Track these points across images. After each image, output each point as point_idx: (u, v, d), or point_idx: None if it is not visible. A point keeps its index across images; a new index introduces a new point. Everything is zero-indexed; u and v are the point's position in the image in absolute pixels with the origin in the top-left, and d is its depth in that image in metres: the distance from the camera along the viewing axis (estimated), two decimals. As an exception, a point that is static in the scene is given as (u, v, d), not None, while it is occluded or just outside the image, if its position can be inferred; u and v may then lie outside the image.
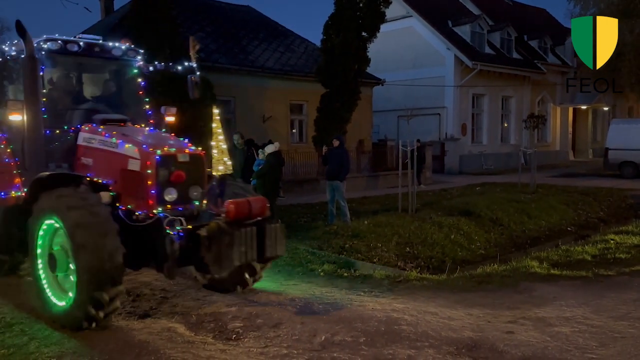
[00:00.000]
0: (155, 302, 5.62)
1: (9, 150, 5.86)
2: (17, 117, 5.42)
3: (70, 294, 4.71)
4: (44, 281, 5.02)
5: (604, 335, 4.53)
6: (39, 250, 5.05)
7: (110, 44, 6.17)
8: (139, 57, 6.45)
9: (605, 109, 32.15)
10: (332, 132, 14.46)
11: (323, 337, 4.52)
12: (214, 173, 6.17)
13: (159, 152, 5.10)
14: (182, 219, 4.87)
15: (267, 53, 19.45)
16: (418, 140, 14.50)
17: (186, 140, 5.62)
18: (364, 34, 16.59)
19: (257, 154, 9.78)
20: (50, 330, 4.72)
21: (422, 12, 25.51)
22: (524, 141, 26.96)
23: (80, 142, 5.69)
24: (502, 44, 27.29)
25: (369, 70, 18.20)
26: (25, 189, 5.46)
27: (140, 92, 6.50)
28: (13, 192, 5.65)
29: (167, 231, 4.73)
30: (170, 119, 6.41)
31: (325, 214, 11.34)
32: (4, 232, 5.70)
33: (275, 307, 5.38)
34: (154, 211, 4.97)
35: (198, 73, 6.71)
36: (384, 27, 17.17)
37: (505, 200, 14.37)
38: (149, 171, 5.04)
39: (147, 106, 6.52)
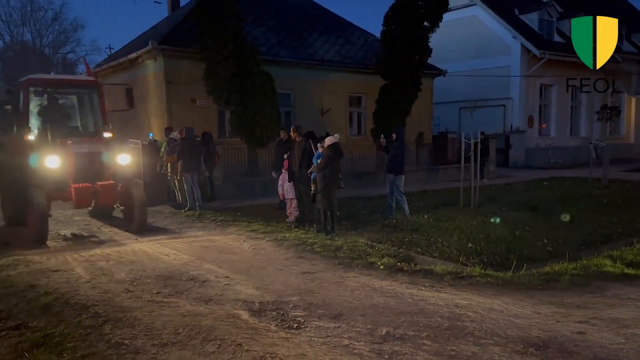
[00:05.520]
0: (220, 288, 5.80)
1: None
2: None
3: None
4: None
5: (685, 339, 4.24)
6: None
7: None
8: None
9: (687, 99, 29.94)
10: (392, 124, 14.32)
11: (384, 330, 4.49)
12: None
13: None
14: None
15: (326, 46, 19.50)
16: (482, 133, 14.09)
17: None
18: (425, 23, 16.27)
19: (316, 148, 9.67)
20: (123, 312, 4.98)
21: (486, 1, 24.71)
22: (595, 134, 25.61)
23: None
24: (573, 32, 25.94)
25: (430, 60, 17.86)
26: None
27: None
28: None
29: None
30: None
31: (383, 207, 11.26)
32: None
33: (335, 299, 5.40)
34: None
35: None
36: (446, 17, 16.77)
37: (575, 196, 13.71)
38: None
39: None
